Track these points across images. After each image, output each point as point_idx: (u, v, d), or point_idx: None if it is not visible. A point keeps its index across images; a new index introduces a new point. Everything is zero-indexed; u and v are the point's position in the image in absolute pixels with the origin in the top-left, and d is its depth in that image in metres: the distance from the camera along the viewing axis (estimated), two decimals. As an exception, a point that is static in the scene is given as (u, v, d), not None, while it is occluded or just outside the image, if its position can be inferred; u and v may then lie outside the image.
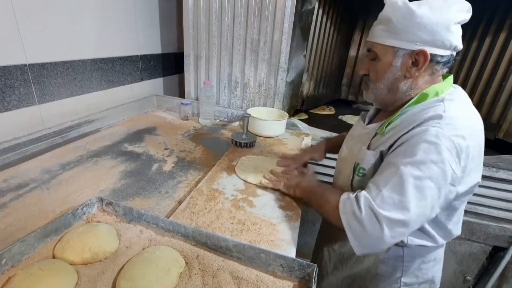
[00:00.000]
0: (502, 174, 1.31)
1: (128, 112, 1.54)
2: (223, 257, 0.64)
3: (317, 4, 1.69)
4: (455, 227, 0.78)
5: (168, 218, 0.75)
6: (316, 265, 0.57)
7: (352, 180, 0.80)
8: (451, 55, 0.69)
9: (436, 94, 0.70)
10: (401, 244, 0.79)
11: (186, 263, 0.62)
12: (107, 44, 1.40)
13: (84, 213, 0.73)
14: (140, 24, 1.59)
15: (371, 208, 0.64)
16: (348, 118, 2.07)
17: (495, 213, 1.40)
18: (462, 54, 1.88)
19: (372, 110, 0.90)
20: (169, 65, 1.95)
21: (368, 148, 0.77)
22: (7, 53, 0.98)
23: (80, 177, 0.95)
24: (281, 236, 0.72)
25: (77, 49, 1.25)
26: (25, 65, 1.04)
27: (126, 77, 1.57)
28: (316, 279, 0.56)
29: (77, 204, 0.76)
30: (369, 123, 0.88)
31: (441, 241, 0.78)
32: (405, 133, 0.67)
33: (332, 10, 1.91)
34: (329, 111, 2.21)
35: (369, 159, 0.74)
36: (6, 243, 0.64)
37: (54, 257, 0.61)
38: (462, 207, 0.76)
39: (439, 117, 0.64)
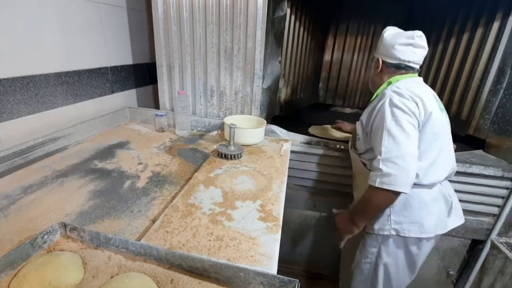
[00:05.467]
0: (475, 169, 1.36)
1: (99, 126, 1.46)
2: (200, 279, 0.59)
3: (289, 11, 1.71)
4: (430, 170, 1.04)
5: (140, 239, 0.70)
6: (298, 280, 0.54)
7: (354, 143, 1.22)
8: (399, 63, 1.10)
9: (397, 80, 1.09)
10: None
11: (159, 289, 0.57)
12: (72, 56, 1.33)
13: (45, 242, 0.67)
14: (108, 35, 1.53)
15: (382, 161, 0.96)
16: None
17: (471, 207, 1.44)
18: (430, 56, 1.96)
19: None
20: (142, 76, 1.89)
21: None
22: (-44, 70, 0.90)
23: (44, 200, 0.87)
24: (261, 250, 0.69)
25: (38, 63, 1.17)
26: (-22, 82, 0.96)
27: (95, 90, 1.49)
28: (298, 295, 0.53)
29: (39, 231, 0.69)
30: None
31: (417, 177, 1.01)
32: (376, 106, 1.06)
33: (304, 16, 1.93)
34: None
35: (358, 127, 1.18)
36: (-49, 283, 0.57)
37: (8, 295, 0.55)
38: (429, 151, 1.03)
39: (389, 91, 1.05)
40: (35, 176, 1.01)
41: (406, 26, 1.14)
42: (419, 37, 1.05)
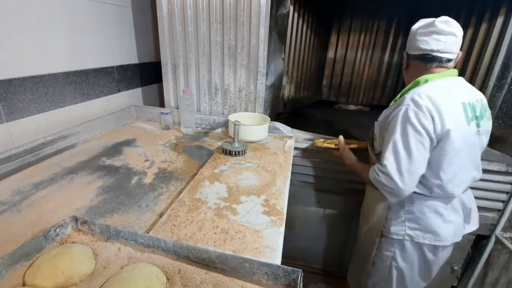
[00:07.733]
0: (479, 165, 1.35)
1: (106, 125, 1.49)
2: (206, 270, 0.62)
3: (291, 8, 1.71)
4: (448, 184, 0.99)
5: (148, 232, 0.73)
6: (301, 270, 0.56)
7: (373, 142, 1.17)
8: (422, 53, 0.99)
9: (426, 81, 0.98)
10: None
11: (168, 279, 0.59)
12: (79, 56, 1.36)
13: (58, 235, 0.69)
14: (114, 35, 1.56)
15: (380, 169, 0.98)
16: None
17: (475, 202, 1.44)
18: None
19: None
20: (147, 74, 1.91)
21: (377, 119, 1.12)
22: (-31, 70, 0.93)
23: (55, 196, 0.90)
24: (265, 242, 0.71)
25: (47, 62, 1.20)
26: (-10, 82, 0.99)
27: (102, 89, 1.52)
28: (301, 284, 0.55)
29: (51, 225, 0.72)
30: None
31: (433, 192, 1.01)
32: (392, 112, 0.99)
33: (307, 14, 1.94)
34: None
35: (376, 127, 1.12)
36: (-29, 273, 0.59)
37: (24, 284, 0.57)
38: (448, 168, 0.97)
39: (409, 97, 0.95)
40: (45, 173, 1.04)
41: (410, 22, 1.14)
42: (442, 22, 0.93)
